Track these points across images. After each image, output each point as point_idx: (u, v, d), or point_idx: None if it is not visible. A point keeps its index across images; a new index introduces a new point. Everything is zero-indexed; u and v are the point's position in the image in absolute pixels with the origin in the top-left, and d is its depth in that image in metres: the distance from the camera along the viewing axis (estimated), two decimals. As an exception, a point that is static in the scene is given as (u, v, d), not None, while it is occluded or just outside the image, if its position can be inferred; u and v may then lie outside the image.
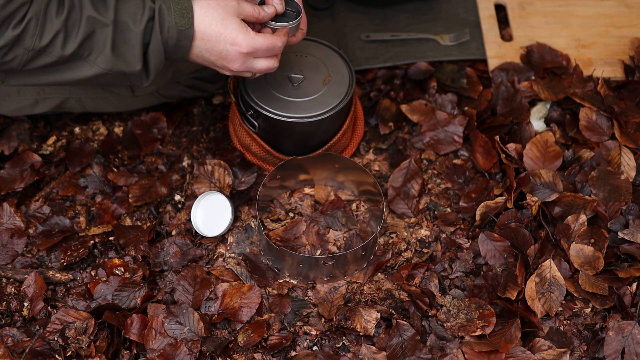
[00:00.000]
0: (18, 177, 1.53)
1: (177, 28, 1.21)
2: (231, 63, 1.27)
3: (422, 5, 1.81)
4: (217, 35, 1.24)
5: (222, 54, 1.25)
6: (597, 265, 1.41)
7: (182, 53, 1.25)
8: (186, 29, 1.22)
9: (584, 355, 1.38)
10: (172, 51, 1.23)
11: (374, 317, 1.37)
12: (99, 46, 1.18)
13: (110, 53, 1.18)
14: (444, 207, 1.55)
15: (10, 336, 1.35)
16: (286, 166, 1.49)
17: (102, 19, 1.17)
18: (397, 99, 1.69)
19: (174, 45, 1.22)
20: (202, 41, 1.24)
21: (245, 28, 1.25)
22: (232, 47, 1.25)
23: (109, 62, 1.19)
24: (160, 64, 1.24)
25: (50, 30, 1.14)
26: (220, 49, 1.25)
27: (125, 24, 1.19)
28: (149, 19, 1.19)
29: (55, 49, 1.16)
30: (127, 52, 1.20)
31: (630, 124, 1.57)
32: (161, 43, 1.21)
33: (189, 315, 1.36)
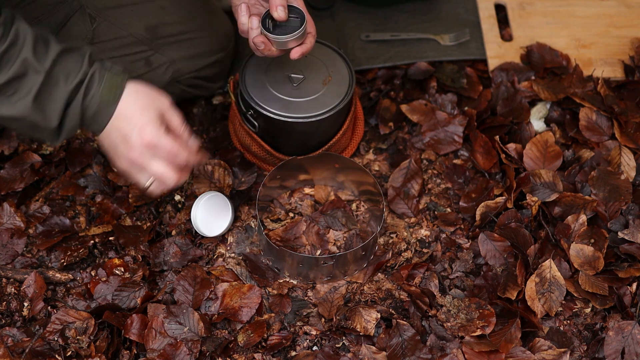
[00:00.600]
0: (18, 177, 1.53)
1: (100, 100, 1.17)
2: (131, 150, 1.20)
3: (422, 5, 1.81)
4: (130, 117, 1.19)
5: (126, 137, 1.20)
6: (597, 265, 1.42)
7: (97, 127, 1.20)
8: (108, 105, 1.18)
9: (584, 355, 1.38)
10: (88, 120, 1.19)
11: (374, 317, 1.37)
12: (24, 90, 1.14)
13: (31, 101, 1.14)
14: (444, 207, 1.55)
15: (10, 336, 1.35)
16: (286, 166, 1.49)
17: (37, 65, 1.13)
18: (397, 99, 1.69)
19: (91, 116, 1.18)
20: (116, 119, 1.19)
21: (158, 123, 1.21)
22: (138, 133, 1.19)
23: (28, 109, 1.14)
24: (73, 128, 1.19)
25: None
26: (127, 131, 1.19)
27: (57, 79, 1.15)
28: (80, 82, 1.16)
29: None
30: (48, 106, 1.16)
31: (630, 124, 1.57)
32: (80, 109, 1.17)
33: (189, 315, 1.36)
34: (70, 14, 1.39)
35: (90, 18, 1.42)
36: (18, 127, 1.20)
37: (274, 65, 1.47)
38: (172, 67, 1.53)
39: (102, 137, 1.22)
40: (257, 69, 1.47)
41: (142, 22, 1.47)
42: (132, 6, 1.46)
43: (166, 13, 1.49)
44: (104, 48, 1.45)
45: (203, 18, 1.55)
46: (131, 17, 1.46)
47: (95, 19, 1.43)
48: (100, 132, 1.21)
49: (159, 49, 1.50)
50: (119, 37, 1.46)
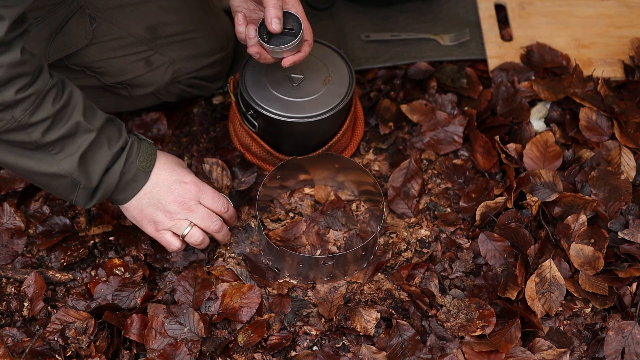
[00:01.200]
0: (18, 177, 1.53)
1: (137, 167, 1.28)
2: (179, 198, 1.32)
3: (422, 5, 1.81)
4: (168, 177, 1.32)
5: (171, 188, 1.32)
6: (597, 265, 1.41)
7: (129, 194, 1.30)
8: (144, 172, 1.29)
9: (584, 355, 1.38)
10: (122, 186, 1.28)
11: (374, 317, 1.37)
12: (72, 148, 1.21)
13: (77, 159, 1.21)
14: (444, 207, 1.55)
15: (10, 336, 1.35)
16: (286, 166, 1.49)
17: (88, 125, 1.21)
18: (397, 99, 1.69)
19: (126, 182, 1.28)
20: (149, 185, 1.30)
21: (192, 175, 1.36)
22: (182, 183, 1.32)
23: (73, 166, 1.22)
24: (107, 193, 1.28)
25: (42, 112, 1.16)
26: (172, 185, 1.31)
27: (102, 143, 1.24)
28: (121, 148, 1.26)
29: (37, 131, 1.17)
30: (91, 167, 1.24)
31: (630, 124, 1.57)
32: (119, 173, 1.26)
33: (189, 315, 1.36)
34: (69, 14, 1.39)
35: (90, 18, 1.42)
36: (57, 187, 1.26)
37: (274, 65, 1.47)
38: (172, 67, 1.53)
39: (130, 206, 1.32)
40: (257, 69, 1.47)
41: (142, 22, 1.47)
42: (131, 6, 1.46)
43: (166, 13, 1.49)
44: (104, 48, 1.45)
45: (203, 18, 1.55)
46: (131, 18, 1.46)
47: (95, 20, 1.43)
48: (128, 200, 1.31)
49: (159, 49, 1.50)
50: (119, 38, 1.46)
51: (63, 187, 1.25)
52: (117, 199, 1.32)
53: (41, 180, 1.25)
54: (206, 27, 1.55)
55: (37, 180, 1.25)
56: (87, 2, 1.41)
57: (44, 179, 1.24)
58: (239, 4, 1.36)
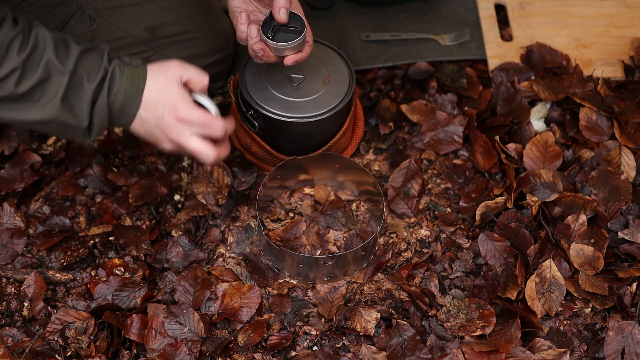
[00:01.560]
0: (18, 177, 1.53)
1: (124, 94, 1.20)
2: (168, 131, 1.23)
3: (422, 5, 1.81)
4: (156, 101, 1.22)
5: (159, 120, 1.23)
6: (597, 265, 1.41)
7: (126, 120, 1.23)
8: (133, 97, 1.21)
9: (584, 355, 1.38)
10: (116, 115, 1.22)
11: (374, 317, 1.37)
12: (50, 93, 1.17)
13: (59, 102, 1.17)
14: (444, 207, 1.55)
15: (10, 336, 1.35)
16: (286, 166, 1.49)
17: (60, 67, 1.16)
18: (397, 99, 1.69)
19: (118, 110, 1.21)
20: (143, 108, 1.22)
21: (185, 97, 1.23)
22: (169, 111, 1.22)
23: (57, 110, 1.18)
24: (103, 125, 1.23)
25: (8, 65, 1.13)
26: (159, 113, 1.22)
27: (80, 79, 1.18)
28: (102, 78, 1.19)
29: (8, 84, 1.14)
30: (76, 106, 1.19)
31: (630, 124, 1.57)
32: (106, 105, 1.20)
33: (189, 315, 1.36)
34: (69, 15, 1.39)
35: (90, 19, 1.42)
36: (50, 130, 1.23)
37: (274, 65, 1.47)
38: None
39: (135, 128, 1.25)
40: (257, 69, 1.47)
41: (141, 22, 1.47)
42: (131, 7, 1.46)
43: (166, 13, 1.49)
44: (104, 48, 1.45)
45: (203, 18, 1.55)
46: (131, 18, 1.46)
47: (95, 20, 1.43)
48: (129, 125, 1.24)
49: (159, 49, 1.50)
50: (119, 38, 1.46)
51: (56, 129, 1.21)
52: (120, 126, 1.27)
53: (34, 127, 1.22)
54: (206, 27, 1.55)
55: (31, 127, 1.22)
56: (86, 2, 1.41)
57: (35, 126, 1.21)
58: (239, 5, 1.36)
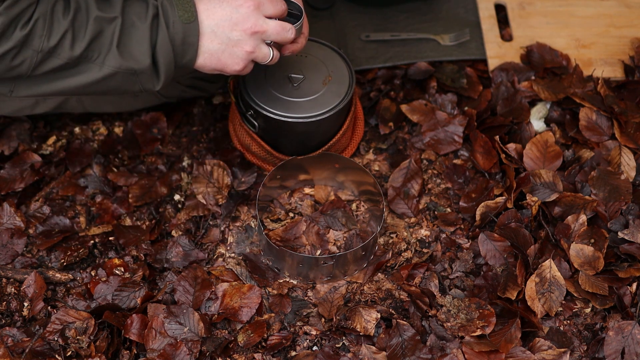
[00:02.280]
0: (18, 177, 1.53)
1: (181, 22, 1.20)
2: (244, 23, 1.23)
3: (422, 5, 1.81)
4: (214, 13, 1.22)
5: (232, 20, 1.22)
6: (597, 265, 1.41)
7: (191, 53, 1.23)
8: (191, 22, 1.21)
9: (584, 355, 1.38)
10: (179, 49, 1.22)
11: (374, 317, 1.37)
12: (106, 45, 1.17)
13: (116, 50, 1.17)
14: (444, 207, 1.55)
15: (10, 336, 1.35)
16: (286, 166, 1.49)
17: (108, 16, 1.17)
18: (397, 99, 1.69)
19: (180, 42, 1.21)
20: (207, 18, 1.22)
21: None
22: (240, 7, 1.23)
23: (117, 59, 1.18)
24: (169, 64, 1.22)
25: (58, 30, 1.14)
26: (230, 15, 1.22)
27: (131, 21, 1.18)
28: (154, 15, 1.19)
29: (63, 50, 1.15)
30: (134, 49, 1.19)
31: (630, 124, 1.57)
32: (168, 39, 1.20)
33: (189, 315, 1.36)
34: None
35: None
36: (118, 86, 1.22)
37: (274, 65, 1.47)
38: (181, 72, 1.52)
39: (204, 60, 1.25)
40: (257, 69, 1.47)
41: None
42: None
43: None
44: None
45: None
46: None
47: None
48: (196, 57, 1.23)
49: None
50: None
51: (123, 83, 1.21)
52: (187, 64, 1.25)
53: (100, 88, 1.21)
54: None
55: (96, 89, 1.22)
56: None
57: (100, 86, 1.21)
58: None
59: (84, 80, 1.19)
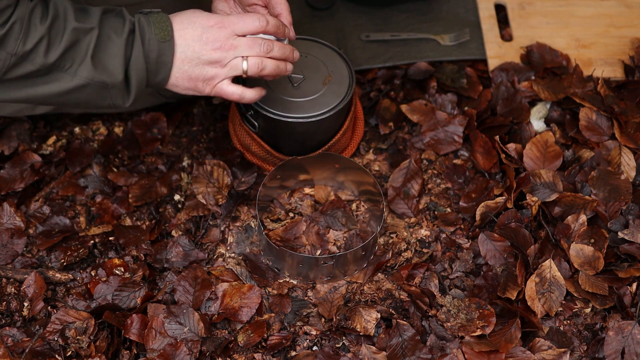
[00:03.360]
0: (18, 177, 1.53)
1: (157, 40, 1.20)
2: (214, 42, 1.23)
3: (422, 5, 1.81)
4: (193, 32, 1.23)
5: (202, 39, 1.22)
6: (597, 265, 1.42)
7: (164, 72, 1.23)
8: (167, 41, 1.21)
9: (584, 355, 1.38)
10: (153, 68, 1.22)
11: (374, 317, 1.37)
12: (80, 55, 1.16)
13: (90, 61, 1.17)
14: (444, 207, 1.55)
15: (10, 336, 1.35)
16: (286, 166, 1.49)
17: (85, 27, 1.16)
18: (397, 99, 1.69)
19: (155, 61, 1.21)
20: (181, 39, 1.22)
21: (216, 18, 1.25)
22: (211, 28, 1.23)
23: (90, 71, 1.17)
24: (141, 81, 1.22)
25: (34, 35, 1.13)
26: (200, 35, 1.22)
27: (108, 34, 1.18)
28: (130, 31, 1.19)
29: (38, 55, 1.14)
30: (108, 62, 1.18)
31: (630, 124, 1.57)
32: (142, 56, 1.19)
33: (189, 315, 1.36)
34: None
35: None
36: (88, 99, 1.21)
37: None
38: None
39: (176, 80, 1.24)
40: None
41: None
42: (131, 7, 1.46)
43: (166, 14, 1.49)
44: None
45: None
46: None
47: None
48: (169, 76, 1.23)
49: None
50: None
51: (93, 95, 1.20)
52: (158, 83, 1.24)
53: (69, 99, 1.20)
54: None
55: (66, 100, 1.20)
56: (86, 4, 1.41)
57: (71, 96, 1.19)
58: (222, 8, 1.36)
59: (54, 89, 1.18)
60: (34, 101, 1.21)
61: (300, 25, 1.76)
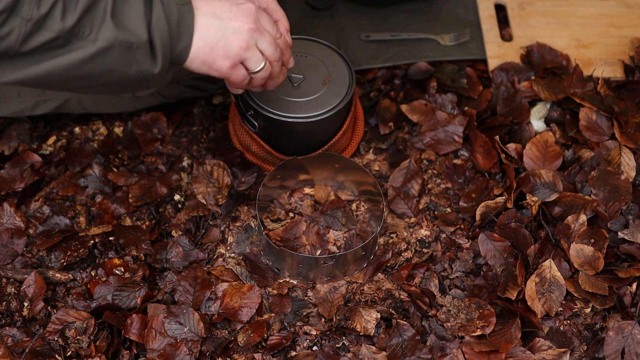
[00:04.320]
0: (18, 177, 1.53)
1: (176, 2, 1.14)
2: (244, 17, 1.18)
3: (422, 5, 1.81)
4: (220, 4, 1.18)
5: (232, 11, 1.18)
6: (597, 265, 1.42)
7: (187, 36, 1.16)
8: (185, 4, 1.15)
9: (584, 355, 1.38)
10: (175, 32, 1.15)
11: (374, 317, 1.37)
12: (99, 18, 1.09)
13: (111, 20, 1.09)
14: (444, 207, 1.55)
15: (10, 336, 1.36)
16: (286, 166, 1.49)
17: None
18: (397, 99, 1.69)
19: (176, 23, 1.14)
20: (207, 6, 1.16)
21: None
22: (241, 4, 1.19)
23: (112, 30, 1.09)
24: (166, 45, 1.14)
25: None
26: (229, 7, 1.18)
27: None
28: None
29: (54, 20, 1.06)
30: (129, 20, 1.11)
31: (630, 124, 1.57)
32: (164, 17, 1.12)
33: (189, 315, 1.36)
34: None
35: None
36: (112, 66, 1.13)
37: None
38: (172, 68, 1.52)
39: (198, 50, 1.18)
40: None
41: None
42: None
43: None
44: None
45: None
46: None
47: None
48: (191, 44, 1.17)
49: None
50: None
51: (119, 60, 1.12)
52: (182, 51, 1.17)
53: (94, 69, 1.12)
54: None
55: (91, 71, 1.12)
56: None
57: (95, 64, 1.11)
58: None
59: (76, 57, 1.10)
60: (55, 77, 1.12)
61: (300, 25, 1.76)
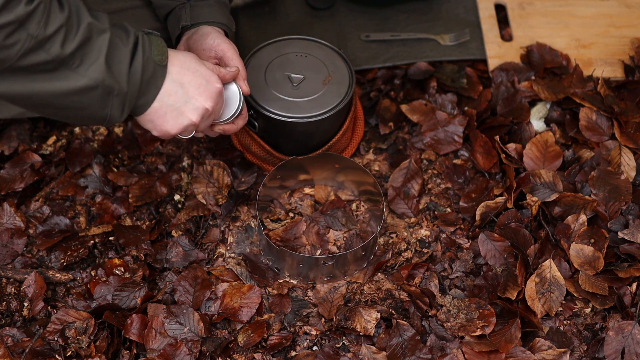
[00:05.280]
0: (18, 177, 1.53)
1: (154, 61, 1.19)
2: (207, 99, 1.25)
3: (422, 5, 1.81)
4: (192, 78, 1.24)
5: (200, 89, 1.24)
6: (597, 265, 1.42)
7: (152, 94, 1.21)
8: (162, 66, 1.21)
9: (584, 355, 1.38)
10: (144, 86, 1.20)
11: (374, 317, 1.37)
12: (93, 54, 1.14)
13: (104, 63, 1.14)
14: (444, 207, 1.55)
15: (10, 336, 1.35)
16: (286, 166, 1.49)
17: (100, 25, 1.15)
18: (397, 99, 1.69)
19: (148, 79, 1.20)
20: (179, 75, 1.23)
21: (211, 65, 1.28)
22: (211, 84, 1.25)
23: (103, 72, 1.14)
24: (133, 97, 1.20)
25: (54, 22, 1.10)
26: (199, 83, 1.24)
27: (116, 40, 1.17)
28: (135, 43, 1.18)
29: (54, 44, 1.10)
30: (117, 69, 1.16)
31: (630, 124, 1.57)
32: (141, 68, 1.18)
33: (189, 315, 1.36)
34: None
35: None
36: (88, 104, 1.17)
37: (274, 65, 1.47)
38: None
39: (154, 105, 1.22)
40: (257, 69, 1.47)
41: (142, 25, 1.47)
42: (132, 10, 1.46)
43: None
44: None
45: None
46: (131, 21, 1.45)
47: None
48: (153, 100, 1.21)
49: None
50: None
51: (97, 101, 1.16)
52: (140, 105, 1.22)
53: (71, 102, 1.16)
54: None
55: (67, 103, 1.16)
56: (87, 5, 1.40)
57: (74, 99, 1.15)
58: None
59: (59, 87, 1.14)
60: (33, 100, 1.17)
61: (300, 25, 1.77)
